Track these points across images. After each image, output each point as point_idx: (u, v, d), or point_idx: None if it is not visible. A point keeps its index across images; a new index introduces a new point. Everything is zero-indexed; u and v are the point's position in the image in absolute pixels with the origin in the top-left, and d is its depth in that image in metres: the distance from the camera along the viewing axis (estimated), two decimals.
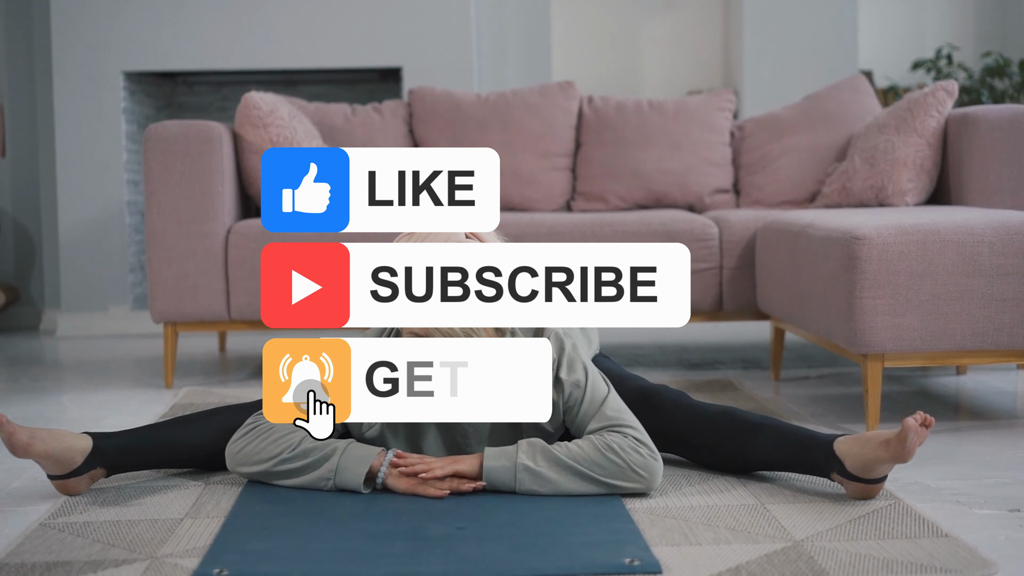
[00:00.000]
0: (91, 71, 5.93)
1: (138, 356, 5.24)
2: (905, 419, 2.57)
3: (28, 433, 2.75)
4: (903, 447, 2.58)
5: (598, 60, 8.54)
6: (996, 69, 7.66)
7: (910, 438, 2.56)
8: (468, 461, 2.75)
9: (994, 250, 3.32)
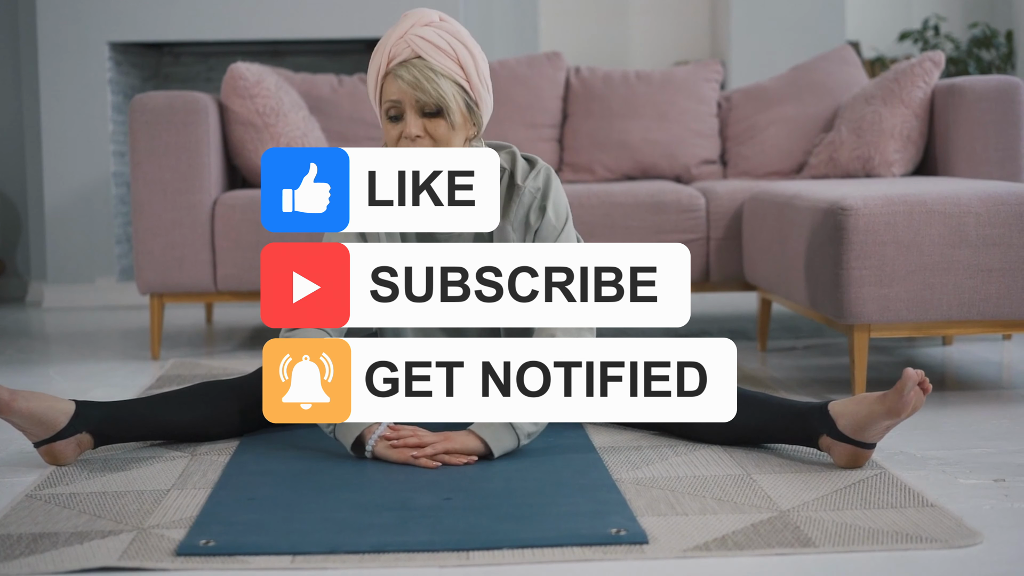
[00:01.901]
0: (76, 41, 5.90)
1: (125, 328, 5.23)
2: (906, 369, 2.56)
3: (9, 391, 2.74)
4: (900, 398, 2.56)
5: (585, 31, 8.52)
6: (983, 40, 7.66)
7: (908, 387, 2.55)
8: (461, 439, 2.74)
9: (980, 221, 3.32)
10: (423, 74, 2.79)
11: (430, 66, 2.79)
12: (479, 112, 2.87)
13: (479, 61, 2.84)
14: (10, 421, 2.77)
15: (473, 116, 2.86)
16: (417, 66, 2.80)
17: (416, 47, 2.80)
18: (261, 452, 2.85)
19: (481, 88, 2.85)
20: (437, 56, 2.80)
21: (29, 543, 2.25)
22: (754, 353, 4.28)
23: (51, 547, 2.23)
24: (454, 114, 2.81)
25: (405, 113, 2.83)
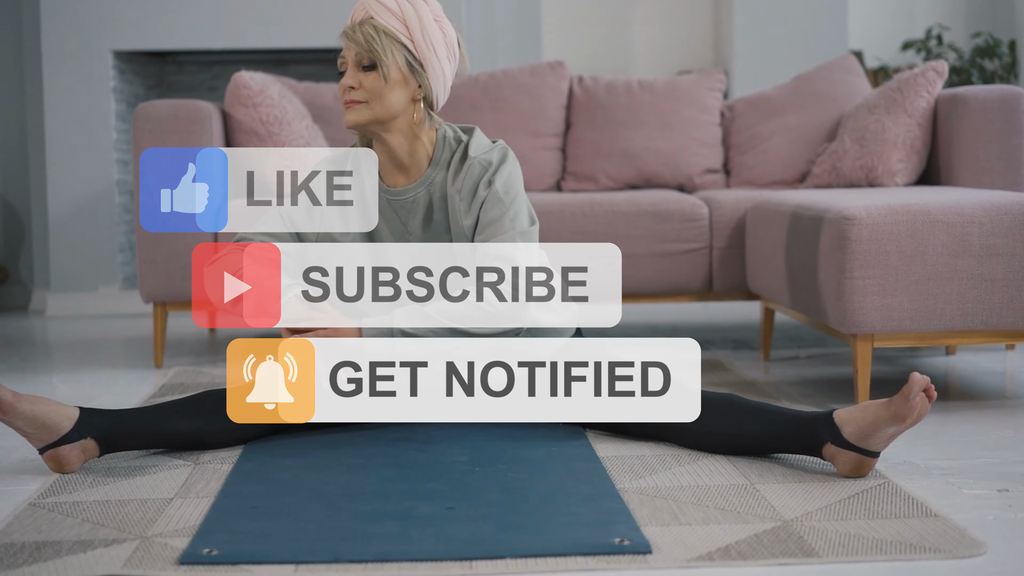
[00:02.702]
0: (80, 50, 5.90)
1: (128, 336, 5.23)
2: (912, 373, 2.56)
3: (13, 393, 2.74)
4: (905, 403, 2.55)
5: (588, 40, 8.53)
6: (986, 50, 7.66)
7: (915, 391, 2.54)
8: (350, 333, 2.82)
9: (984, 230, 3.32)
10: (361, 29, 2.90)
11: (374, 23, 2.90)
12: (424, 74, 2.93)
13: (426, 23, 2.90)
14: (13, 425, 2.76)
15: (416, 76, 2.93)
16: (362, 24, 2.91)
17: (368, 8, 2.93)
18: (264, 461, 2.85)
19: (426, 49, 2.91)
20: (383, 14, 2.90)
21: (32, 551, 2.25)
22: (757, 362, 4.27)
23: (54, 556, 2.23)
24: (387, 67, 2.89)
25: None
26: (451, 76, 3.01)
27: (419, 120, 2.98)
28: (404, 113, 2.96)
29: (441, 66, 2.95)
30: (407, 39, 2.91)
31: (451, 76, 3.01)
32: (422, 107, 2.98)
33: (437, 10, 2.97)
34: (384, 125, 2.97)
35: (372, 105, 2.93)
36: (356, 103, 2.94)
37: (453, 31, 2.99)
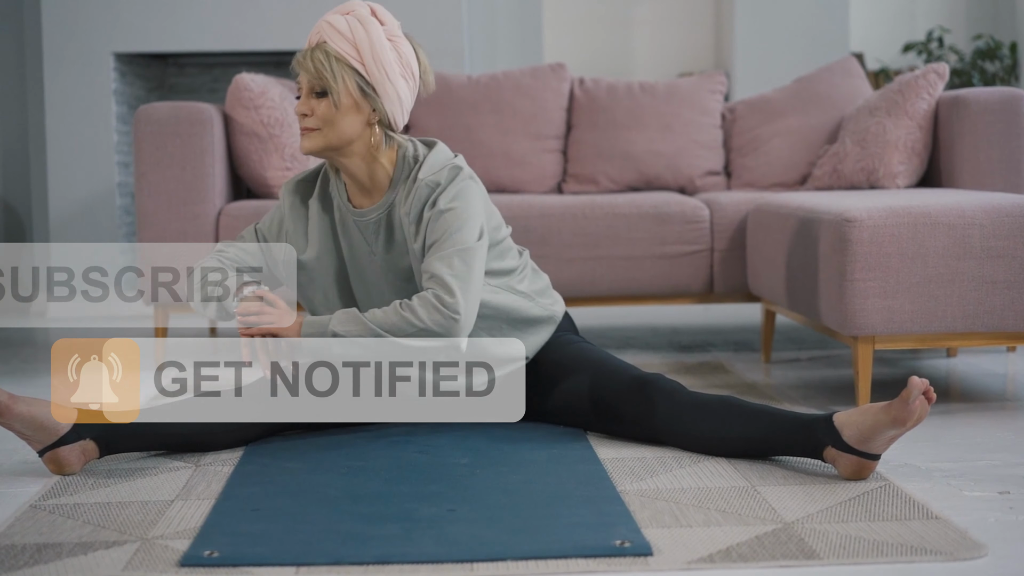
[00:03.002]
0: (81, 52, 5.91)
1: (129, 338, 5.23)
2: (911, 377, 2.56)
3: (9, 394, 2.74)
4: (905, 407, 2.56)
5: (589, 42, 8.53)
6: (987, 52, 7.66)
7: (914, 395, 2.54)
8: (290, 329, 2.86)
9: (985, 232, 3.32)
10: (312, 56, 2.90)
11: (325, 48, 2.89)
12: (377, 98, 2.91)
13: (377, 46, 2.88)
14: (11, 428, 2.76)
15: (370, 100, 2.91)
16: (314, 50, 2.90)
17: (322, 31, 2.92)
18: (265, 463, 2.85)
19: (378, 73, 2.89)
20: (335, 38, 2.90)
21: (33, 553, 2.25)
22: (758, 365, 4.27)
23: (55, 558, 2.23)
24: (337, 94, 2.88)
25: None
26: (410, 95, 2.98)
27: (376, 143, 2.96)
28: (359, 138, 2.95)
29: (395, 88, 2.92)
30: (358, 63, 2.89)
31: (410, 95, 2.98)
32: (378, 130, 2.96)
33: (393, 29, 2.95)
34: (339, 151, 2.96)
35: (325, 132, 2.92)
36: (310, 130, 2.93)
37: (411, 48, 2.97)
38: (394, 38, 2.94)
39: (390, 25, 2.95)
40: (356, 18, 2.91)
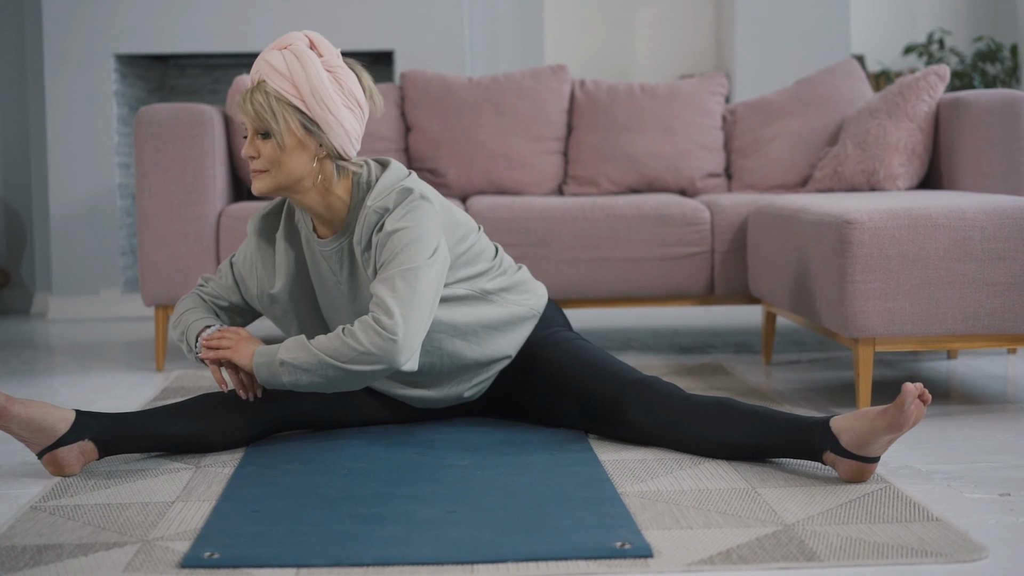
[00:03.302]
0: (82, 53, 5.91)
1: (129, 339, 5.23)
2: (905, 384, 2.56)
3: (6, 396, 2.74)
4: (901, 413, 2.56)
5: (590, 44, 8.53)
6: (987, 54, 7.66)
7: (908, 402, 2.55)
8: (244, 358, 2.91)
9: (985, 234, 3.32)
10: (252, 99, 2.86)
11: (265, 89, 2.86)
12: (322, 133, 2.88)
13: (316, 81, 2.84)
14: (9, 430, 2.76)
15: (315, 136, 2.88)
16: (253, 92, 2.87)
17: (260, 71, 2.89)
18: (265, 464, 2.85)
19: (319, 108, 2.85)
20: (274, 78, 2.86)
21: (33, 555, 2.25)
22: (758, 366, 4.27)
23: (55, 559, 2.23)
24: (281, 135, 2.86)
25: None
26: (357, 123, 2.94)
27: (328, 176, 2.94)
28: (309, 174, 2.92)
29: (339, 120, 2.88)
30: (298, 100, 2.85)
31: (357, 123, 2.94)
32: (329, 163, 2.93)
33: (332, 60, 2.91)
34: (291, 189, 2.94)
35: (274, 173, 2.90)
36: (258, 172, 2.92)
37: (353, 76, 2.93)
38: (334, 68, 2.89)
39: (329, 55, 2.91)
40: (293, 53, 2.87)
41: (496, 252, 3.19)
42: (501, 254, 3.20)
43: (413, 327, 2.80)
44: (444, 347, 3.06)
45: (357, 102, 2.92)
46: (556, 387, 3.11)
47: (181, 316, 3.11)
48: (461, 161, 4.91)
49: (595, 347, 3.17)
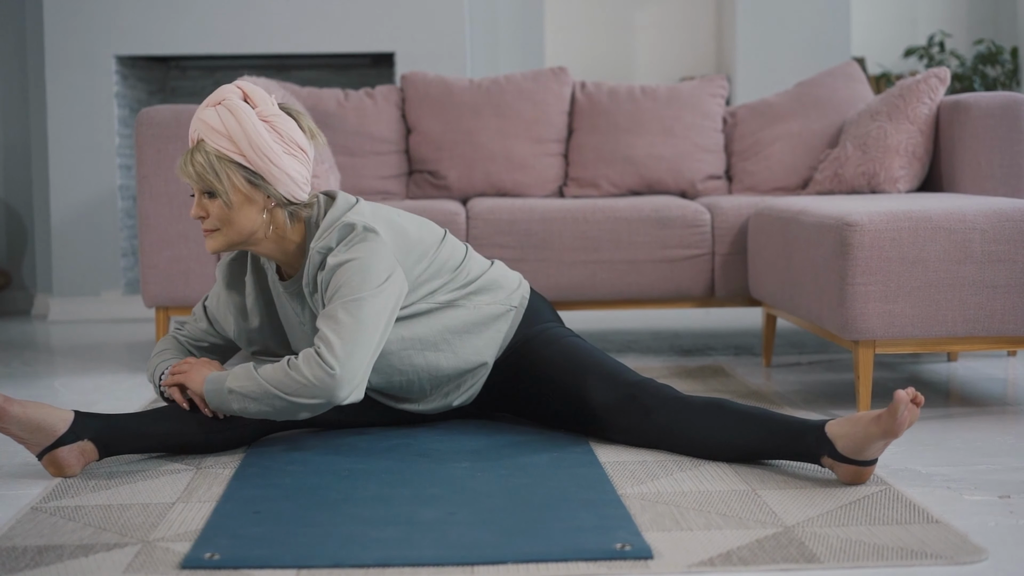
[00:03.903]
0: (83, 55, 5.91)
1: (130, 341, 5.24)
2: (896, 391, 2.57)
3: (4, 396, 2.74)
4: (894, 420, 2.57)
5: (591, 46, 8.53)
6: (988, 56, 7.66)
7: (901, 409, 2.56)
8: (196, 384, 2.91)
9: (985, 237, 3.32)
10: (193, 160, 2.85)
11: (205, 148, 2.85)
12: (267, 184, 2.87)
13: (253, 134, 2.82)
14: (8, 431, 2.76)
15: (260, 188, 2.87)
16: (193, 153, 2.86)
17: (197, 130, 2.87)
18: (266, 466, 2.86)
19: (260, 161, 2.83)
20: (211, 135, 2.85)
21: (34, 556, 2.26)
22: (759, 368, 4.27)
23: (56, 560, 2.23)
24: (226, 194, 2.85)
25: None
26: (302, 167, 2.92)
27: (280, 224, 2.93)
28: (260, 226, 2.91)
29: (283, 169, 2.86)
30: (239, 155, 2.83)
31: (302, 167, 2.92)
32: (280, 211, 2.92)
33: (266, 109, 2.88)
34: (245, 243, 2.94)
35: (224, 231, 2.90)
36: (209, 231, 2.92)
37: (290, 120, 2.90)
38: (270, 117, 2.87)
39: (263, 105, 2.88)
40: (227, 108, 2.85)
41: (464, 258, 3.15)
42: (467, 259, 3.16)
43: (355, 361, 2.78)
44: (416, 362, 3.06)
45: (299, 146, 2.90)
46: (550, 388, 3.11)
47: (153, 359, 3.13)
48: (462, 163, 4.92)
49: (588, 345, 3.16)
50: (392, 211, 3.06)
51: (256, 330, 3.12)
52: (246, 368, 2.85)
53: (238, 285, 3.13)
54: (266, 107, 2.88)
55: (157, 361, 3.11)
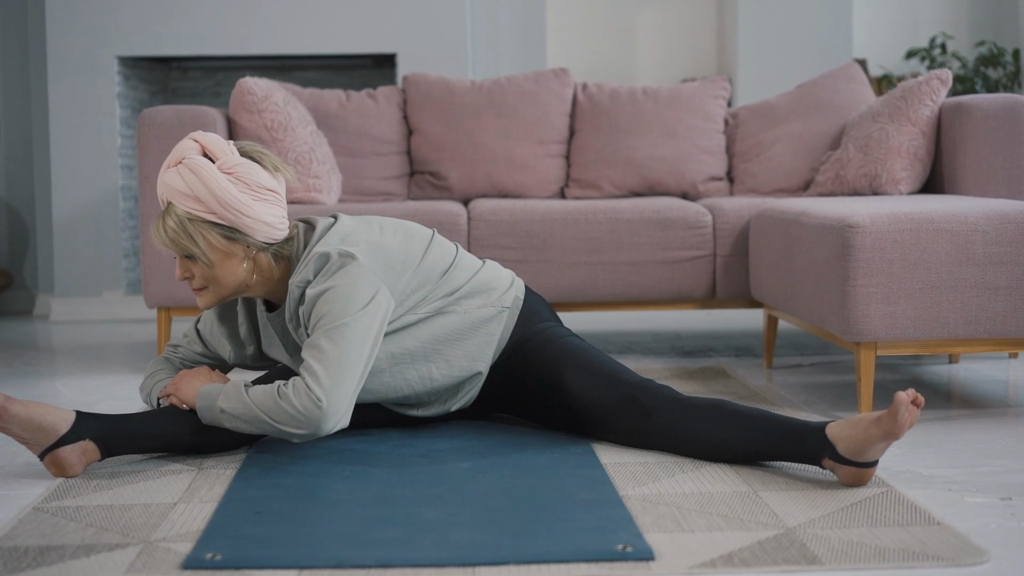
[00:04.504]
0: (85, 56, 5.92)
1: (132, 341, 5.24)
2: (896, 393, 2.57)
3: (5, 396, 2.74)
4: (895, 422, 2.57)
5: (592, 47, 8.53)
6: (990, 58, 7.66)
7: (901, 411, 2.56)
8: (188, 397, 2.91)
9: (987, 239, 3.32)
10: (165, 227, 2.84)
11: (176, 212, 2.84)
12: (243, 236, 2.86)
13: (218, 190, 2.80)
14: (9, 431, 2.76)
15: (238, 240, 2.87)
16: (165, 215, 2.85)
17: (164, 193, 2.86)
18: (268, 466, 2.86)
19: (230, 214, 2.83)
20: (179, 199, 2.83)
21: (36, 556, 2.26)
22: (760, 370, 4.28)
23: (58, 560, 2.23)
24: (204, 254, 2.85)
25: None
26: (275, 208, 2.90)
27: (265, 267, 2.94)
28: (245, 275, 2.92)
29: (256, 217, 2.85)
30: (209, 214, 2.82)
31: (275, 208, 2.90)
32: (263, 255, 2.92)
33: (228, 160, 2.85)
34: (236, 293, 2.96)
35: (213, 288, 2.92)
36: (198, 291, 2.93)
37: (254, 165, 2.87)
38: (232, 169, 2.85)
39: (224, 156, 2.86)
40: (188, 168, 2.82)
41: (452, 260, 3.13)
42: (456, 261, 3.14)
43: (341, 391, 2.78)
44: (409, 376, 3.07)
45: (267, 189, 2.89)
46: (548, 388, 3.11)
47: (146, 380, 3.14)
48: (463, 164, 4.92)
49: (587, 345, 3.15)
50: (375, 224, 3.05)
51: (252, 356, 3.15)
52: (238, 389, 2.84)
53: (230, 314, 3.16)
54: (227, 158, 2.86)
55: (152, 382, 3.12)
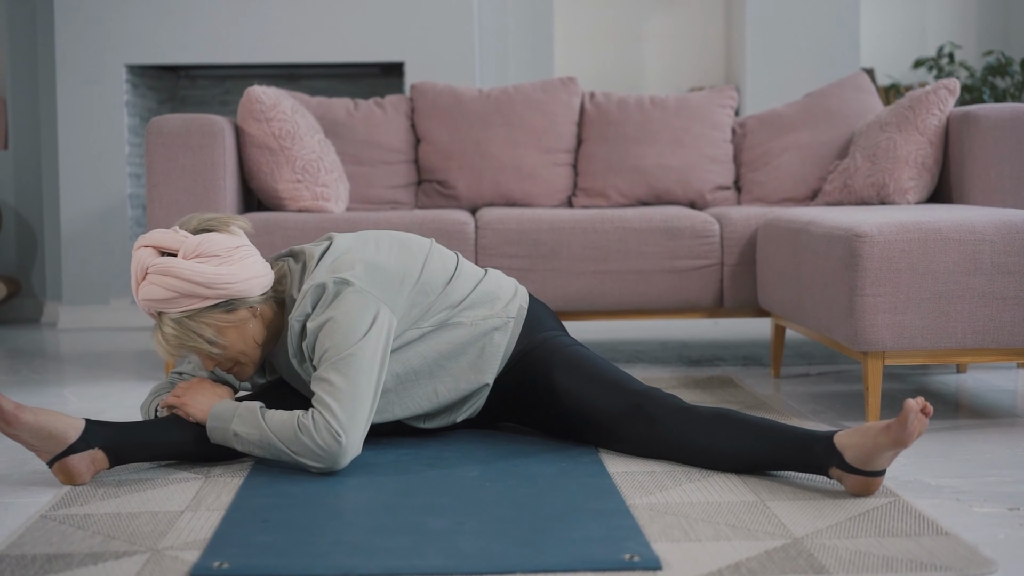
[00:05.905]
0: (94, 64, 5.93)
1: (139, 349, 5.24)
2: (906, 400, 2.57)
3: (15, 403, 2.74)
4: (904, 429, 2.56)
5: (600, 56, 8.54)
6: (998, 68, 7.66)
7: (911, 419, 2.55)
8: (199, 413, 2.90)
9: (995, 248, 3.32)
10: (163, 334, 2.85)
11: (169, 319, 2.84)
12: (239, 301, 2.88)
13: (197, 277, 2.80)
14: (18, 438, 2.77)
15: (237, 307, 2.88)
16: (161, 327, 2.85)
17: (150, 308, 2.86)
18: (275, 474, 2.86)
19: (222, 291, 2.84)
20: (166, 305, 2.84)
21: (43, 564, 2.26)
22: (767, 379, 4.27)
23: (65, 568, 2.23)
24: (214, 343, 2.87)
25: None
26: (252, 259, 2.91)
27: (271, 316, 2.97)
28: (262, 331, 2.95)
29: (243, 279, 2.87)
30: (199, 301, 2.83)
31: (252, 259, 2.91)
32: (266, 307, 2.95)
33: (188, 247, 2.83)
34: (264, 350, 2.99)
35: (243, 360, 2.95)
36: (232, 369, 2.97)
37: (214, 236, 2.86)
38: (196, 250, 2.83)
39: (181, 244, 2.84)
40: (157, 273, 2.81)
41: (453, 271, 3.13)
42: (457, 272, 3.14)
43: (356, 422, 2.79)
44: (415, 393, 3.08)
45: (235, 247, 2.89)
46: (554, 397, 3.10)
47: (149, 398, 3.13)
48: (471, 173, 4.92)
49: (592, 354, 3.15)
50: (370, 240, 3.05)
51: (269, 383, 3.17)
52: (253, 412, 2.84)
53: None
54: (185, 244, 2.84)
55: (151, 399, 3.12)
